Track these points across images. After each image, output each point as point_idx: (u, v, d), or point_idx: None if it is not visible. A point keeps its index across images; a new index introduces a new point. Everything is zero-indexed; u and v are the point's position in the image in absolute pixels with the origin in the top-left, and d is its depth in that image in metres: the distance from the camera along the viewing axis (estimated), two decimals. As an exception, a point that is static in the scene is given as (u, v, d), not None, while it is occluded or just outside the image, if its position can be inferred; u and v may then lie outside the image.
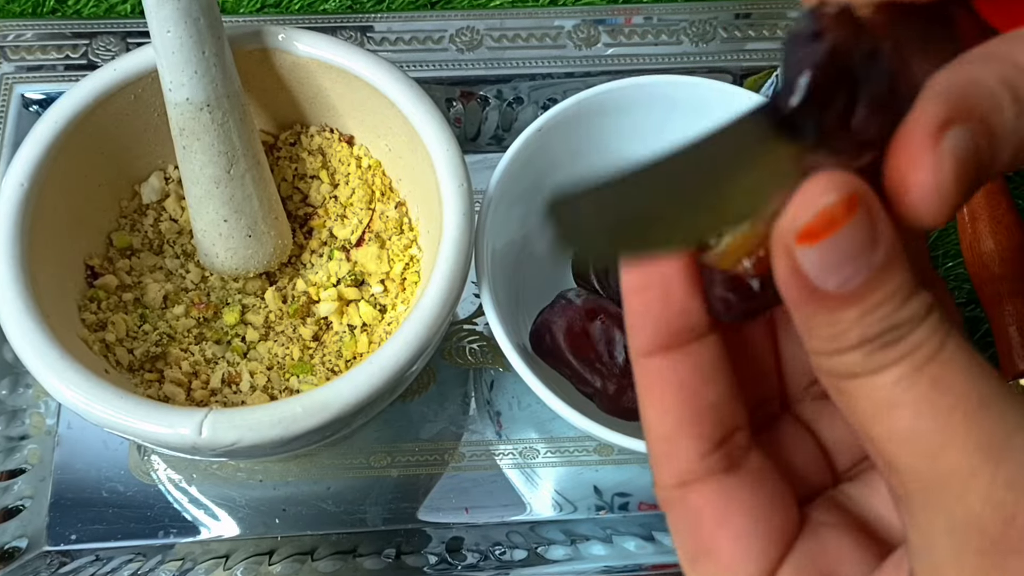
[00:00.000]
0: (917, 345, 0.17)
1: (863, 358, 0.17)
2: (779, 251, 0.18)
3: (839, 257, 0.17)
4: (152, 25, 0.36)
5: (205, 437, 0.34)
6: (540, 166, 0.45)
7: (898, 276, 0.17)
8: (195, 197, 0.41)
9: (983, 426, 0.17)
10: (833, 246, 0.17)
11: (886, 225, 0.17)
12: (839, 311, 0.17)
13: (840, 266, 0.17)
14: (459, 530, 0.44)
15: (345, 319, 0.43)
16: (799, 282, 0.17)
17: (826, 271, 0.17)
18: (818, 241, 0.17)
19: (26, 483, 0.44)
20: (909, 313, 0.17)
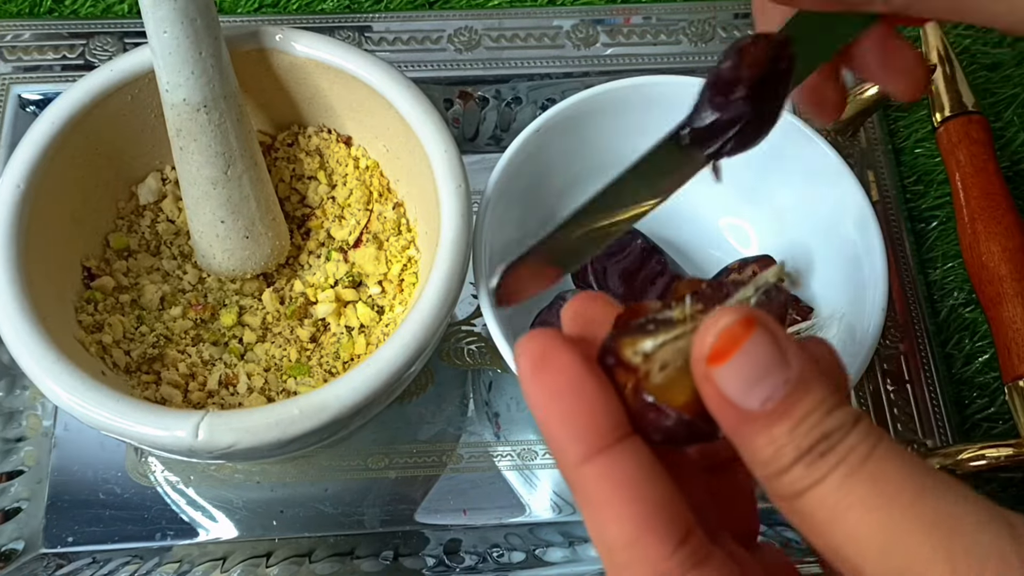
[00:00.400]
0: (851, 449, 0.18)
1: (804, 471, 0.18)
2: (700, 379, 0.19)
3: (753, 373, 0.18)
4: (149, 26, 0.36)
5: (202, 440, 0.34)
6: (538, 167, 0.45)
7: (818, 390, 0.19)
8: (192, 198, 0.40)
9: (927, 507, 0.17)
10: (743, 362, 0.18)
11: (792, 344, 0.19)
12: (771, 428, 0.18)
13: (758, 383, 0.18)
14: (457, 532, 0.44)
15: (343, 320, 0.43)
16: (725, 405, 0.19)
17: (745, 390, 0.18)
18: (727, 359, 0.18)
19: (23, 485, 0.44)
20: (837, 422, 0.18)
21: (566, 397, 0.19)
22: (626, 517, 0.19)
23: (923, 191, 0.53)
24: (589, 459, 0.19)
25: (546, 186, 0.46)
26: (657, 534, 0.19)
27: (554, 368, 0.20)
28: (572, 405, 0.19)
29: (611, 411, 0.20)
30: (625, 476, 0.19)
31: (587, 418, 0.19)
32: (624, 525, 0.19)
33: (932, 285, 0.51)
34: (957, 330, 0.49)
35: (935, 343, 0.48)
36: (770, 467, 0.19)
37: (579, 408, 0.19)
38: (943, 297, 0.50)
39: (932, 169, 0.54)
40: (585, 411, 0.19)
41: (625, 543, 0.19)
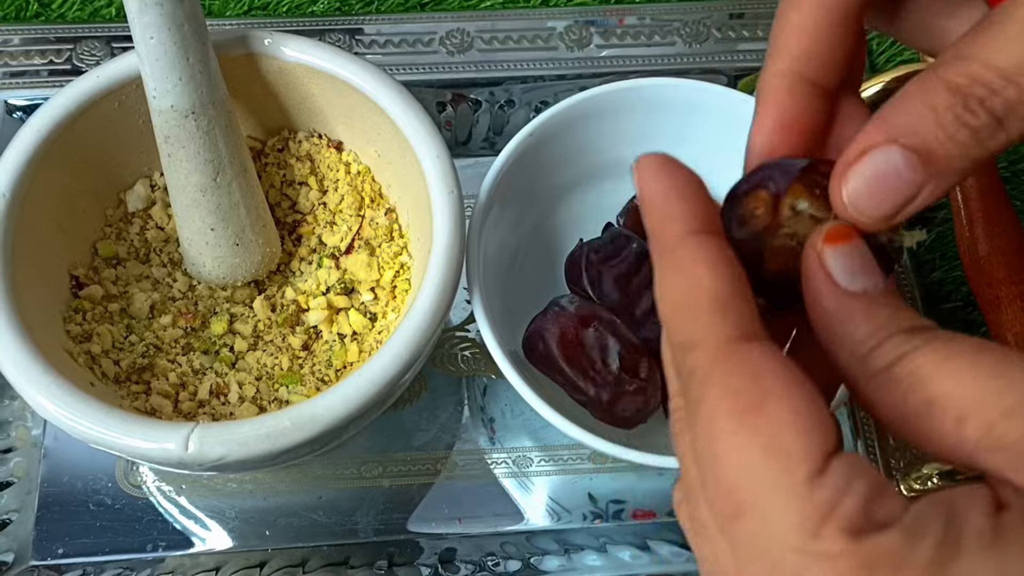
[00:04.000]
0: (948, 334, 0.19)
1: (902, 342, 0.19)
2: (809, 257, 0.21)
3: (860, 263, 0.20)
4: (135, 31, 0.35)
5: (191, 452, 0.33)
6: (532, 171, 0.44)
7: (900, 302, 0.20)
8: (181, 205, 0.40)
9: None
10: (853, 251, 0.20)
11: None
12: (872, 309, 0.20)
13: (863, 272, 0.20)
14: (452, 541, 0.44)
15: (335, 328, 0.43)
16: (831, 285, 0.20)
17: (851, 274, 0.20)
18: (841, 244, 0.20)
19: (12, 496, 0.44)
20: (930, 322, 0.20)
21: (685, 187, 0.21)
22: (724, 279, 0.20)
23: (920, 192, 0.53)
24: (702, 232, 0.21)
25: (540, 190, 0.46)
26: (747, 301, 0.20)
27: (676, 170, 0.22)
28: (689, 192, 0.21)
29: (713, 209, 0.22)
30: (727, 256, 0.21)
31: (695, 197, 0.21)
32: (723, 283, 0.20)
33: (930, 287, 0.50)
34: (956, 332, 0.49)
35: (933, 346, 0.48)
36: (866, 344, 0.20)
37: (696, 197, 0.21)
38: (941, 299, 0.50)
39: (929, 170, 0.53)
40: (691, 191, 0.21)
41: (716, 294, 0.20)
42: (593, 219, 0.46)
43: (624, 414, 0.40)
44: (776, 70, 0.23)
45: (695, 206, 0.21)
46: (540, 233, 0.47)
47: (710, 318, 0.20)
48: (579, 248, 0.44)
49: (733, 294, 0.20)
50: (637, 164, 0.22)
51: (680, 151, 0.47)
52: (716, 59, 0.55)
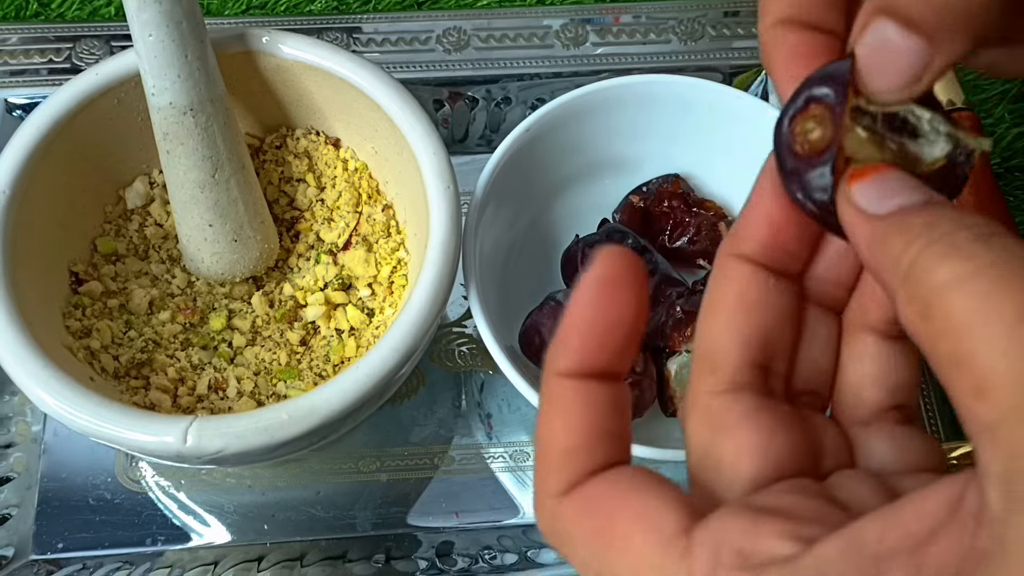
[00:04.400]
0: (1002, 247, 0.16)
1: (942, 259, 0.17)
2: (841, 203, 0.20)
3: (891, 187, 0.19)
4: (134, 29, 0.36)
5: (190, 445, 0.33)
6: (528, 167, 0.45)
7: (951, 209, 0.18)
8: (180, 202, 0.40)
9: None
10: (881, 180, 0.19)
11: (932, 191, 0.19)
12: (906, 220, 0.18)
13: (895, 193, 0.19)
14: (449, 534, 0.44)
15: (333, 323, 0.43)
16: (861, 217, 0.19)
17: (880, 199, 0.19)
18: (867, 178, 0.19)
19: (12, 491, 0.44)
20: (986, 221, 0.17)
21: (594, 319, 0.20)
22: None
23: (914, 188, 0.53)
24: (567, 376, 0.20)
25: (536, 186, 0.46)
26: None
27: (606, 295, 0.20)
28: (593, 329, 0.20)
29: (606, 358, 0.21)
30: (583, 403, 0.20)
31: (594, 345, 0.20)
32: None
33: (923, 282, 0.51)
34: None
35: (927, 340, 0.48)
36: (904, 258, 0.17)
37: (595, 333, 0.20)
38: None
39: (923, 166, 0.54)
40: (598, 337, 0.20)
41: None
42: (589, 215, 0.46)
43: (619, 408, 0.40)
44: (772, 21, 0.22)
45: (586, 344, 0.20)
46: (536, 229, 0.47)
47: (553, 473, 0.20)
48: (575, 244, 0.45)
49: (577, 446, 0.20)
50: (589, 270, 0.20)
51: (674, 147, 0.48)
52: (711, 57, 0.55)
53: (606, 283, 0.20)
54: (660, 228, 0.46)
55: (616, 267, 0.20)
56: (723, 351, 0.21)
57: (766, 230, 0.22)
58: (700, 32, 0.56)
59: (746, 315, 0.21)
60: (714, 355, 0.21)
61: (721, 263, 0.22)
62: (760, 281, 0.22)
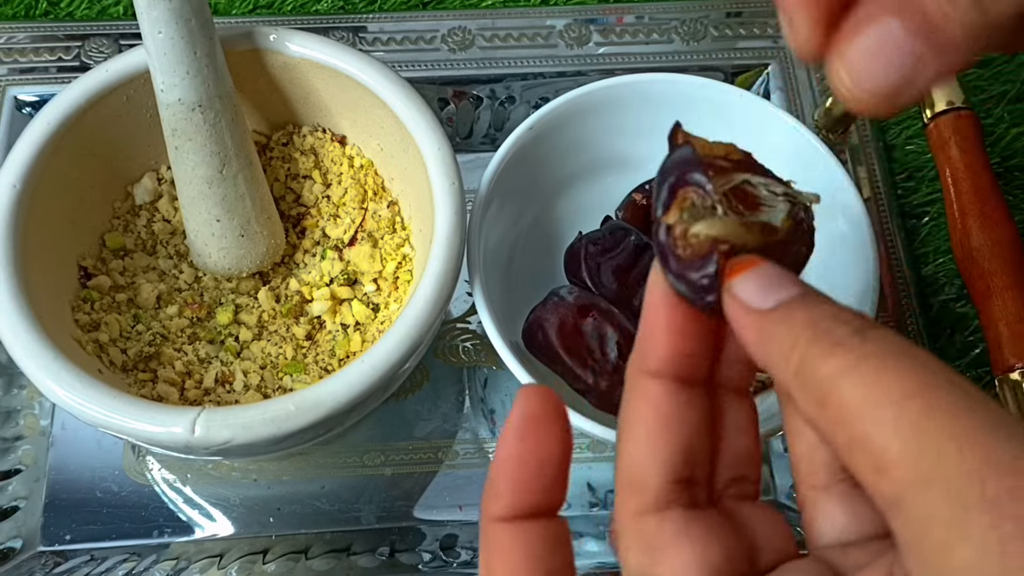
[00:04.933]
0: (878, 342, 0.18)
1: (828, 356, 0.18)
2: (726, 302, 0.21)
3: (769, 281, 0.20)
4: (144, 26, 0.36)
5: (198, 436, 0.34)
6: (532, 164, 0.45)
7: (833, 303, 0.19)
8: (188, 197, 0.41)
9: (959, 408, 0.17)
10: (760, 273, 0.20)
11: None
12: (790, 317, 0.19)
13: (775, 287, 0.20)
14: (453, 527, 0.44)
15: (338, 318, 0.43)
16: (748, 314, 0.20)
17: (763, 293, 0.20)
18: (744, 271, 0.20)
19: (20, 484, 0.44)
20: (856, 319, 0.19)
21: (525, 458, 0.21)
22: None
23: (914, 187, 0.54)
24: (504, 521, 0.21)
25: (540, 184, 0.47)
26: None
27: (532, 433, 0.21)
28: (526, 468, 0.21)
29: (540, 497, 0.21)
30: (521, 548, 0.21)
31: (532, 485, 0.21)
32: None
33: (923, 280, 0.51)
34: (948, 324, 0.50)
35: (927, 338, 0.49)
36: (793, 355, 0.19)
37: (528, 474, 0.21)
38: (934, 292, 0.51)
39: (923, 165, 0.54)
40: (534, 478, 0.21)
41: None
42: (592, 212, 0.47)
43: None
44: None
45: (516, 486, 0.20)
46: (540, 226, 0.48)
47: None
48: (578, 240, 0.45)
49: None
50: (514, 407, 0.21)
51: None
52: (714, 57, 0.56)
53: (528, 423, 0.20)
54: (662, 225, 0.46)
55: (536, 406, 0.20)
56: (645, 473, 0.21)
57: (666, 342, 0.22)
58: (702, 32, 0.56)
59: (664, 434, 0.21)
60: (637, 477, 0.21)
61: (632, 382, 0.22)
62: (672, 396, 0.22)
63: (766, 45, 0.56)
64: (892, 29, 0.19)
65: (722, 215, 0.21)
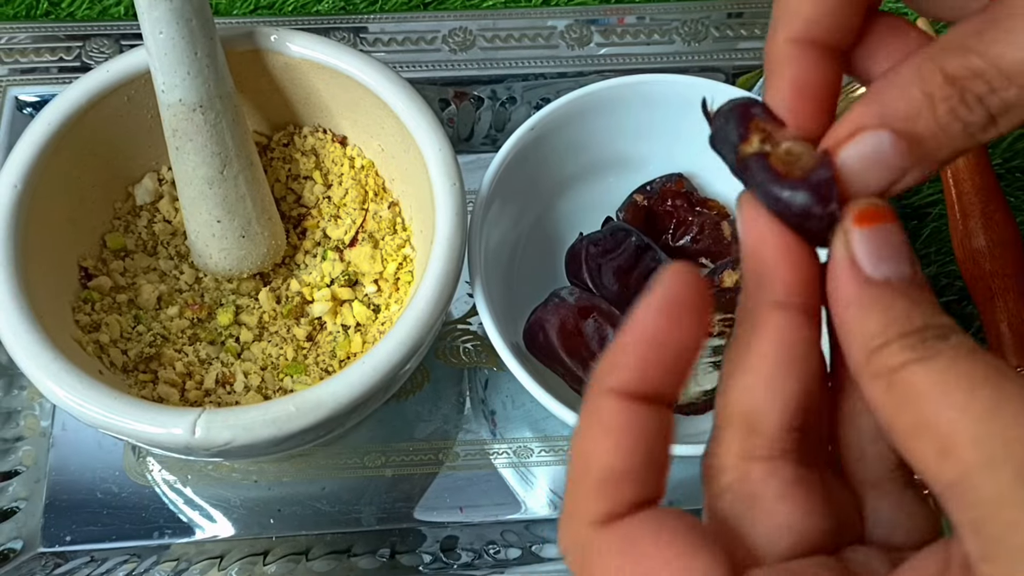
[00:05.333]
0: (959, 344, 0.18)
1: (910, 348, 0.18)
2: (837, 239, 0.20)
3: (888, 248, 0.19)
4: (144, 27, 0.36)
5: (199, 437, 0.34)
6: (533, 165, 0.45)
7: (930, 297, 0.19)
8: (188, 198, 0.41)
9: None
10: (883, 235, 0.19)
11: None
12: (892, 301, 0.19)
13: (890, 258, 0.19)
14: (454, 529, 0.44)
15: (339, 319, 0.43)
16: (854, 271, 0.19)
17: (877, 260, 0.19)
18: (871, 225, 0.20)
19: (21, 485, 0.44)
20: (947, 320, 0.19)
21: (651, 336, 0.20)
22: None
23: (915, 188, 0.54)
24: (616, 395, 0.20)
25: (541, 184, 0.47)
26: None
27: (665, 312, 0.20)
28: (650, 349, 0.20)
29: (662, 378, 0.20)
30: (637, 424, 0.19)
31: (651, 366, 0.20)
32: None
33: (925, 282, 0.51)
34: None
35: (928, 339, 0.49)
36: (874, 340, 0.19)
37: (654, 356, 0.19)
38: (936, 293, 0.51)
39: (925, 167, 0.54)
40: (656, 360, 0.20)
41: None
42: (593, 213, 0.47)
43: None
44: (787, 36, 0.22)
45: (646, 363, 0.19)
46: (541, 227, 0.48)
47: (593, 496, 0.19)
48: (579, 241, 0.45)
49: (625, 471, 0.19)
50: (656, 282, 0.20)
51: (677, 146, 0.48)
52: (715, 57, 0.56)
53: (675, 306, 0.19)
54: (663, 227, 0.46)
55: (685, 290, 0.19)
56: (763, 412, 0.20)
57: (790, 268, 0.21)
58: (704, 33, 0.56)
59: (789, 371, 0.20)
60: (752, 416, 0.20)
61: (751, 314, 0.21)
62: (798, 331, 0.20)
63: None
64: (883, 142, 0.20)
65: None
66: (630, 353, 0.19)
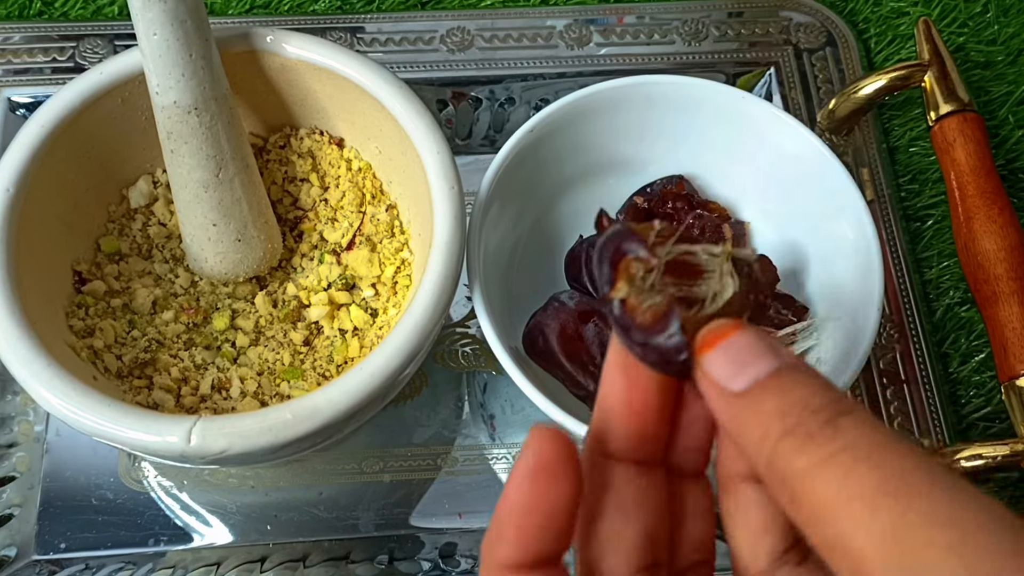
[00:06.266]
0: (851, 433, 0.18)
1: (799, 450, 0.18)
2: (698, 375, 0.20)
3: (740, 356, 0.19)
4: (138, 28, 0.36)
5: (194, 445, 0.33)
6: (532, 167, 0.45)
7: (808, 375, 0.19)
8: (183, 201, 0.40)
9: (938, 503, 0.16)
10: (730, 349, 0.19)
11: (777, 342, 0.20)
12: (761, 404, 0.19)
13: (745, 364, 0.19)
14: (452, 535, 0.44)
15: (336, 323, 0.43)
16: (718, 391, 0.20)
17: (734, 373, 0.19)
18: (714, 346, 0.20)
19: (15, 491, 0.44)
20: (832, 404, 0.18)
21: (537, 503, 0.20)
22: None
23: (918, 190, 0.53)
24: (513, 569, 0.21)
25: (540, 186, 0.46)
26: None
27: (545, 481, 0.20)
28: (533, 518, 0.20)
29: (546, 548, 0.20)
30: None
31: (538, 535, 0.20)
32: None
33: (928, 284, 0.51)
34: (953, 329, 0.49)
35: (931, 342, 0.48)
36: (764, 446, 0.18)
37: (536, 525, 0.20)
38: (939, 296, 0.50)
39: (927, 168, 0.54)
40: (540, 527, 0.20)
41: None
42: (592, 215, 0.46)
43: (624, 409, 0.40)
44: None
45: (524, 534, 0.20)
46: (540, 229, 0.47)
47: None
48: (579, 244, 0.45)
49: None
50: (523, 449, 0.21)
51: (678, 148, 0.48)
52: (715, 57, 0.55)
53: (540, 470, 0.20)
54: (664, 229, 0.46)
55: (548, 451, 0.20)
56: (610, 564, 0.21)
57: (627, 422, 0.22)
58: (704, 33, 0.56)
59: (627, 523, 0.21)
60: (601, 569, 0.21)
61: (592, 464, 0.22)
62: (632, 481, 0.22)
63: (768, 45, 0.56)
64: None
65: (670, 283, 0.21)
66: (508, 525, 0.20)
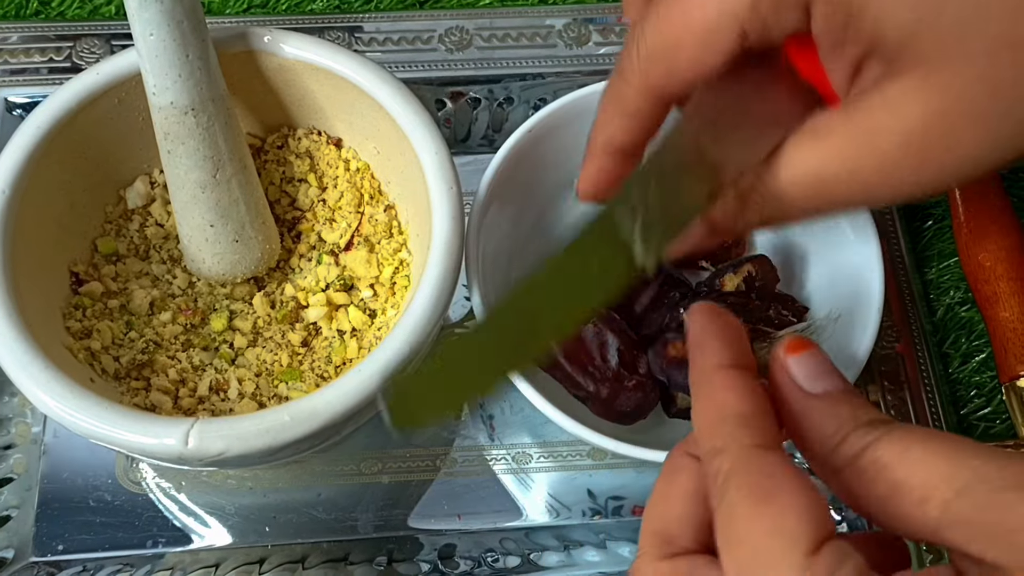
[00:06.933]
0: (903, 425, 0.22)
1: (863, 435, 0.22)
2: (774, 368, 0.24)
3: (819, 368, 0.24)
4: (135, 28, 0.35)
5: (192, 447, 0.33)
6: (531, 167, 0.44)
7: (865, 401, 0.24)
8: (181, 202, 0.40)
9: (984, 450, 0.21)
10: (812, 358, 0.24)
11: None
12: (836, 407, 0.23)
13: (822, 375, 0.24)
14: (452, 537, 0.44)
15: (334, 324, 0.43)
16: (796, 390, 0.24)
17: (814, 378, 0.24)
18: (800, 352, 0.24)
19: (12, 493, 0.44)
20: (885, 415, 0.23)
21: (722, 330, 0.25)
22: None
23: (918, 189, 0.53)
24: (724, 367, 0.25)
25: (539, 187, 0.46)
26: None
27: (719, 316, 0.26)
28: (726, 335, 0.25)
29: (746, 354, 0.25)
30: (744, 384, 0.24)
31: (734, 346, 0.25)
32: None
33: (928, 284, 0.50)
34: (954, 330, 0.49)
35: (932, 343, 0.48)
36: (833, 439, 0.23)
37: (730, 338, 0.25)
38: (939, 296, 0.50)
39: (927, 167, 0.53)
40: (734, 342, 0.25)
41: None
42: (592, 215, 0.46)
43: (623, 410, 0.40)
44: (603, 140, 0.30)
45: (728, 345, 0.24)
46: (539, 229, 0.47)
47: (732, 429, 0.23)
48: (578, 245, 0.44)
49: (754, 413, 0.23)
50: (689, 311, 0.26)
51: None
52: (715, 57, 0.55)
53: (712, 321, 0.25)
54: (663, 229, 0.46)
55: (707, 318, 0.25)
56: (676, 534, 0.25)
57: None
58: (703, 32, 0.56)
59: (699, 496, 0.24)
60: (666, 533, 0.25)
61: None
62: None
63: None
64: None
65: None
66: (717, 338, 0.25)
